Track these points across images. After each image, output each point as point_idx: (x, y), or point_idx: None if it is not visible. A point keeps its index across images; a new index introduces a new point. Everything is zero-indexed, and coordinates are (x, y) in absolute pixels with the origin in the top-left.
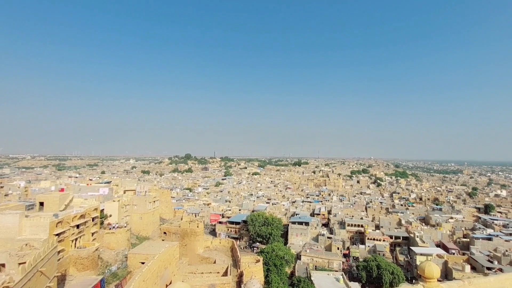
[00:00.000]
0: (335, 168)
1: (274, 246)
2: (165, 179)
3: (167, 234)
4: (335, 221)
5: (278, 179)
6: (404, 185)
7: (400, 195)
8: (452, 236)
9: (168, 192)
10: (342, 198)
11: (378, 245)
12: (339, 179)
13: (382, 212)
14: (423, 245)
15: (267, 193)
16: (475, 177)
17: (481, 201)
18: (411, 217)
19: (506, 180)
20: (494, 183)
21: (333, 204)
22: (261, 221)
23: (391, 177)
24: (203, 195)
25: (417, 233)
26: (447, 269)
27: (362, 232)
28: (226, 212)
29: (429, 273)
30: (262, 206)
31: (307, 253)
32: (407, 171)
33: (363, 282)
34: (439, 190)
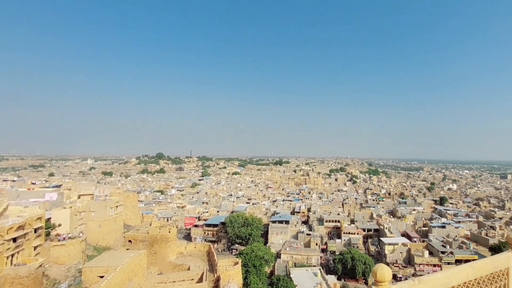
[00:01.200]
0: (315, 167)
1: (253, 247)
2: (132, 181)
3: (133, 242)
4: (314, 218)
5: (259, 179)
6: (376, 181)
7: (372, 191)
8: (414, 226)
9: (135, 196)
10: (321, 196)
11: (352, 238)
12: (318, 177)
13: (357, 208)
14: (390, 235)
15: (248, 193)
16: (433, 174)
17: (437, 194)
18: (381, 211)
19: (456, 176)
20: (447, 179)
21: (313, 202)
22: (241, 222)
23: (365, 174)
24: (176, 197)
25: (386, 225)
26: (410, 255)
27: (339, 227)
28: (202, 214)
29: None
30: (242, 207)
31: (287, 251)
32: (378, 169)
33: (339, 274)
34: (404, 186)
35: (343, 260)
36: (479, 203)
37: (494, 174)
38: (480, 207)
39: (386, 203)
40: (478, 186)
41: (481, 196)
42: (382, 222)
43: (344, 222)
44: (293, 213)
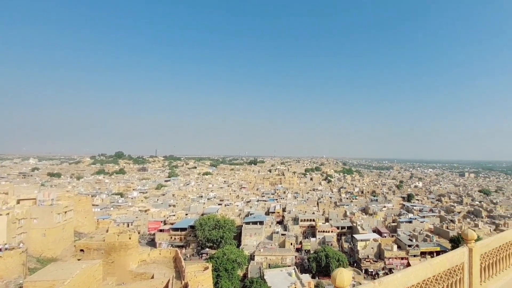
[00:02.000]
0: (291, 166)
1: (225, 250)
2: (85, 183)
3: (86, 251)
4: (289, 217)
5: (232, 179)
6: (350, 180)
7: (346, 189)
8: (384, 222)
9: (88, 199)
10: (296, 195)
11: (327, 236)
12: (294, 177)
13: (331, 206)
14: (363, 232)
15: (220, 194)
16: (402, 172)
17: (405, 191)
18: (355, 209)
19: (422, 174)
20: (414, 177)
21: (288, 202)
22: (212, 225)
23: (340, 174)
24: (139, 200)
25: (358, 222)
26: (381, 250)
27: (313, 226)
28: (169, 218)
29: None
30: (214, 208)
31: (261, 252)
32: (352, 168)
33: (313, 272)
34: (376, 184)
35: (317, 258)
36: (441, 199)
37: (454, 172)
38: (442, 202)
39: (359, 201)
40: (440, 183)
41: (443, 192)
42: (355, 220)
43: (319, 220)
44: (267, 214)
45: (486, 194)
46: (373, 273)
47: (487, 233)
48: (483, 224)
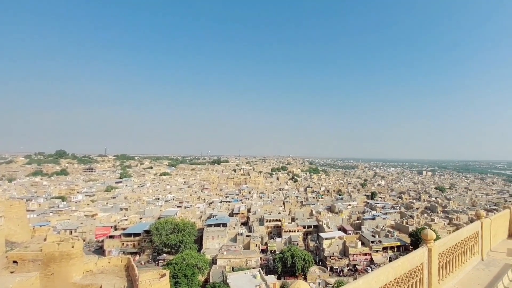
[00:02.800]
0: (256, 166)
1: (185, 255)
2: (19, 186)
3: (20, 263)
4: (255, 218)
5: (193, 179)
6: (316, 180)
7: (312, 188)
8: (349, 220)
9: (21, 204)
10: (262, 195)
11: (293, 236)
12: (259, 176)
13: (298, 206)
14: (328, 230)
15: (179, 195)
16: (366, 171)
17: (369, 190)
18: (321, 207)
19: (384, 173)
20: (377, 175)
21: (253, 202)
22: (170, 229)
23: (306, 173)
24: (85, 204)
25: (324, 220)
26: (345, 247)
27: (279, 226)
28: (120, 223)
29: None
30: (172, 211)
31: (224, 255)
32: (319, 167)
33: (279, 273)
34: (341, 183)
35: (283, 258)
36: (402, 196)
37: (413, 171)
38: (402, 199)
39: (325, 200)
40: (401, 181)
41: (403, 190)
42: (321, 218)
43: (285, 220)
44: (231, 215)
45: (441, 190)
46: (338, 270)
47: (442, 227)
48: (439, 218)
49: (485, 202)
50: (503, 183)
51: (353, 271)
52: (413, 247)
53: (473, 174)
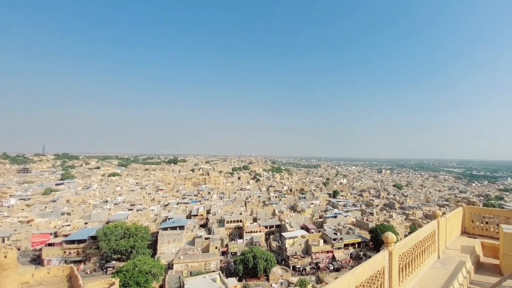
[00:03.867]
0: (217, 165)
1: (137, 261)
2: None
3: None
4: (214, 220)
5: (146, 180)
6: (279, 179)
7: (275, 188)
8: (312, 218)
9: None
10: (223, 196)
11: (255, 237)
12: (220, 176)
13: (260, 205)
14: (291, 229)
15: (131, 197)
16: (328, 170)
17: (331, 188)
18: (283, 207)
19: (346, 171)
20: (339, 174)
21: (213, 203)
22: (120, 233)
23: (269, 172)
24: (19, 209)
25: (287, 220)
26: (308, 245)
27: (241, 227)
28: (62, 229)
29: None
30: (122, 215)
31: (181, 259)
32: (281, 166)
33: (240, 275)
34: (304, 182)
35: (244, 260)
36: (362, 194)
37: (373, 169)
38: (363, 197)
39: (287, 199)
40: (362, 179)
41: (364, 188)
42: (283, 218)
43: (247, 221)
44: (189, 217)
45: (398, 188)
46: (301, 269)
47: (399, 222)
48: (396, 215)
49: (438, 198)
50: (453, 180)
51: (316, 269)
52: (373, 243)
53: (427, 172)
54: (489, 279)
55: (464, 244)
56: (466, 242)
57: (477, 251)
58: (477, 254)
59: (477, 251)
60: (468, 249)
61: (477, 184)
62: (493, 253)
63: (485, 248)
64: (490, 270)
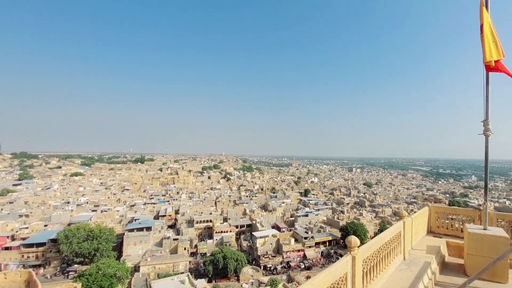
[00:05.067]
0: (186, 164)
1: (100, 264)
2: None
3: None
4: (183, 220)
5: (112, 180)
6: (250, 178)
7: (246, 187)
8: (283, 217)
9: None
10: (192, 196)
11: (225, 237)
12: (189, 176)
13: (230, 205)
14: (262, 229)
15: (94, 198)
16: (300, 169)
17: (303, 187)
18: (254, 206)
19: (318, 170)
20: (311, 173)
21: (182, 203)
22: (82, 236)
23: (240, 171)
24: None
25: (258, 219)
26: (279, 245)
27: (211, 227)
28: (19, 231)
29: None
30: (85, 216)
31: (148, 261)
32: (252, 165)
33: (210, 276)
34: (276, 181)
35: (214, 260)
36: (333, 192)
37: (344, 168)
38: (334, 195)
39: (259, 198)
40: (333, 178)
41: (335, 186)
42: (254, 217)
43: (217, 221)
44: (157, 218)
45: (368, 186)
46: (272, 268)
47: (369, 220)
48: (366, 212)
49: (406, 195)
50: (421, 178)
51: (287, 268)
52: (343, 241)
53: (396, 170)
54: (454, 279)
55: (430, 244)
56: (432, 242)
57: (442, 251)
58: (442, 254)
59: (442, 251)
60: (433, 249)
61: (443, 182)
62: (458, 253)
63: (450, 247)
64: (455, 270)
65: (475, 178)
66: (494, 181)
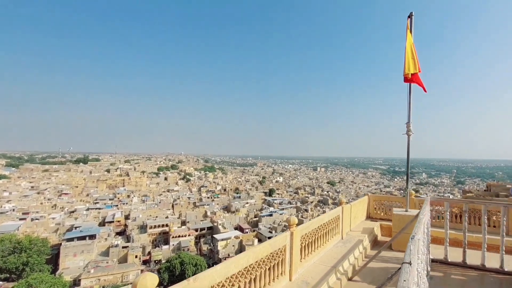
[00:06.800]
0: (139, 165)
1: (31, 280)
2: None
3: None
4: (135, 226)
5: (46, 183)
6: (212, 178)
7: (207, 188)
8: (247, 218)
9: None
10: (146, 199)
11: (183, 241)
12: (142, 177)
13: (190, 207)
14: (224, 231)
15: (23, 204)
16: (265, 168)
17: (268, 187)
18: (216, 208)
19: (283, 170)
20: (276, 172)
21: (133, 207)
22: (8, 248)
23: (201, 171)
24: None
25: (220, 221)
26: (242, 246)
27: (167, 231)
28: None
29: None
30: (11, 226)
31: (91, 273)
32: (215, 165)
33: (165, 284)
34: (239, 181)
35: (170, 267)
36: (298, 191)
37: (309, 167)
38: (298, 194)
39: (221, 199)
40: (298, 177)
41: (299, 185)
42: (216, 219)
43: (174, 225)
44: (103, 224)
45: (332, 185)
46: None
47: None
48: (329, 210)
49: (366, 192)
50: (379, 176)
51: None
52: None
53: (358, 169)
54: (384, 253)
55: (366, 226)
56: (368, 225)
57: (376, 231)
58: (375, 234)
59: (376, 231)
60: (368, 230)
61: (399, 179)
62: (388, 233)
63: (383, 228)
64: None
65: (425, 175)
66: (441, 178)
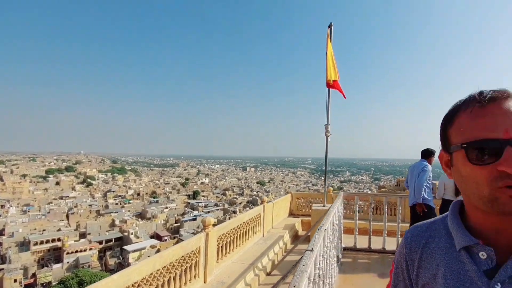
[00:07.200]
0: (18, 167)
1: None
2: None
3: None
4: (12, 243)
5: None
6: (122, 181)
7: (115, 193)
8: (166, 224)
9: None
10: (28, 209)
11: (82, 257)
12: (24, 182)
13: (91, 217)
14: (137, 240)
15: None
16: (188, 169)
17: (191, 189)
18: (127, 215)
19: (209, 170)
20: (201, 173)
21: (10, 219)
22: None
23: (107, 174)
24: None
25: (131, 230)
26: None
27: (59, 247)
28: None
29: None
30: None
31: None
32: (126, 166)
33: None
34: (157, 184)
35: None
36: (226, 192)
37: (238, 167)
38: (226, 196)
39: (133, 205)
40: (226, 178)
41: (227, 186)
42: (127, 228)
43: (69, 238)
44: None
45: (262, 184)
46: None
47: None
48: None
49: (295, 191)
50: (308, 175)
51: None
52: None
53: (287, 169)
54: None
55: (288, 223)
56: (290, 221)
57: (297, 227)
58: (296, 229)
59: (297, 227)
60: (289, 226)
61: None
62: (308, 227)
63: (303, 224)
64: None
65: (349, 174)
66: (362, 175)
